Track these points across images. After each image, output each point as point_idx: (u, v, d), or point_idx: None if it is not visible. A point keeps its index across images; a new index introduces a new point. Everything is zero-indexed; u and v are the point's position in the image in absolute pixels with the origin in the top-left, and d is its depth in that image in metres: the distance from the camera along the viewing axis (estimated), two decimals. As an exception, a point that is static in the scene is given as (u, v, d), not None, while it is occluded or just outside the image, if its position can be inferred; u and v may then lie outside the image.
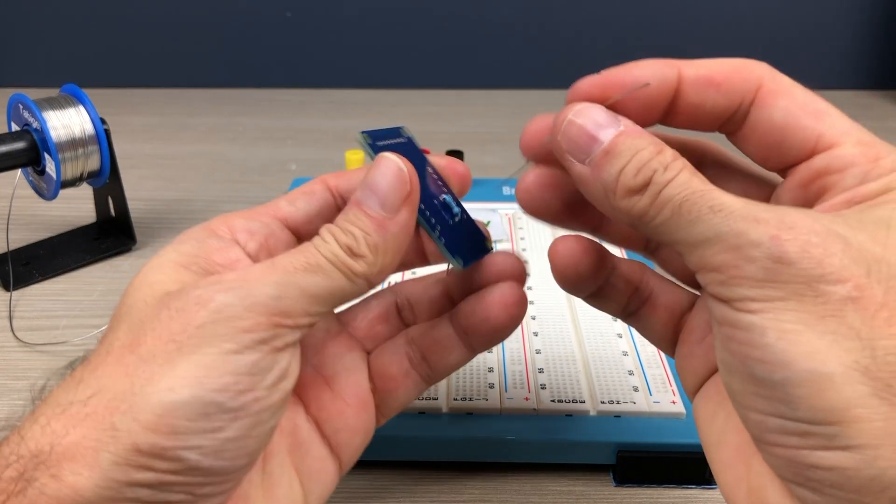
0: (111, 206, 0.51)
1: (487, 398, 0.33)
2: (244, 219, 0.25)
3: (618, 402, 0.32)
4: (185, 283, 0.22)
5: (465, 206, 0.28)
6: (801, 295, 0.18)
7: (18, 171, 0.47)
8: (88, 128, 0.45)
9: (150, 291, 0.22)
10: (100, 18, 0.82)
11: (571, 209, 0.25)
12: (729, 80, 0.22)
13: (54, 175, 0.45)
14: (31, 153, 0.45)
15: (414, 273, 0.39)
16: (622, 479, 0.32)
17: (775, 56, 0.93)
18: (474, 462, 0.32)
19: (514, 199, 0.34)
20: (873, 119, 0.77)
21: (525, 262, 0.27)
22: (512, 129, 0.74)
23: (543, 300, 0.40)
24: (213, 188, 0.61)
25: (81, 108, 0.45)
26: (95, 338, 0.41)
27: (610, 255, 0.26)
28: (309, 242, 0.22)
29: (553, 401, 0.33)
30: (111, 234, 0.51)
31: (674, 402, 0.32)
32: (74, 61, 0.84)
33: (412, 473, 0.32)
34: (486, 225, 0.29)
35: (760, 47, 0.83)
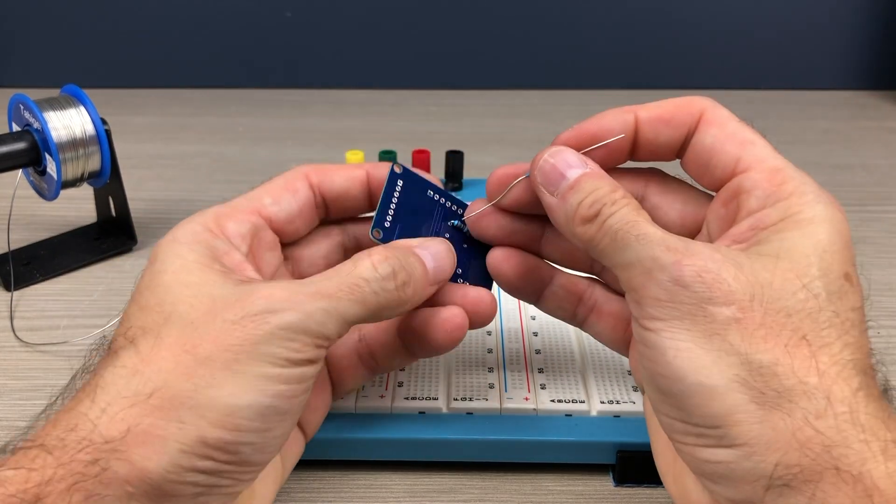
0: (112, 206, 0.51)
1: (487, 398, 0.33)
2: (235, 222, 0.28)
3: (617, 402, 0.32)
4: (223, 283, 0.24)
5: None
6: (694, 315, 0.21)
7: (19, 172, 0.47)
8: (89, 128, 0.45)
9: (193, 292, 0.24)
10: (100, 19, 0.82)
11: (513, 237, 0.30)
12: (676, 116, 0.26)
13: (55, 175, 0.45)
14: (32, 153, 0.45)
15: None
16: (622, 479, 0.32)
17: (775, 56, 0.93)
18: (474, 462, 0.32)
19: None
20: (873, 119, 0.77)
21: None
22: (512, 129, 0.74)
23: (543, 300, 0.40)
24: (214, 188, 0.61)
25: (82, 109, 0.45)
26: (96, 338, 0.41)
27: (546, 268, 0.30)
28: (354, 267, 0.25)
29: (553, 401, 0.33)
30: (112, 234, 0.52)
31: (673, 402, 0.32)
32: (75, 62, 0.84)
33: (412, 473, 0.33)
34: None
35: (760, 47, 0.83)
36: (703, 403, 0.21)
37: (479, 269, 0.31)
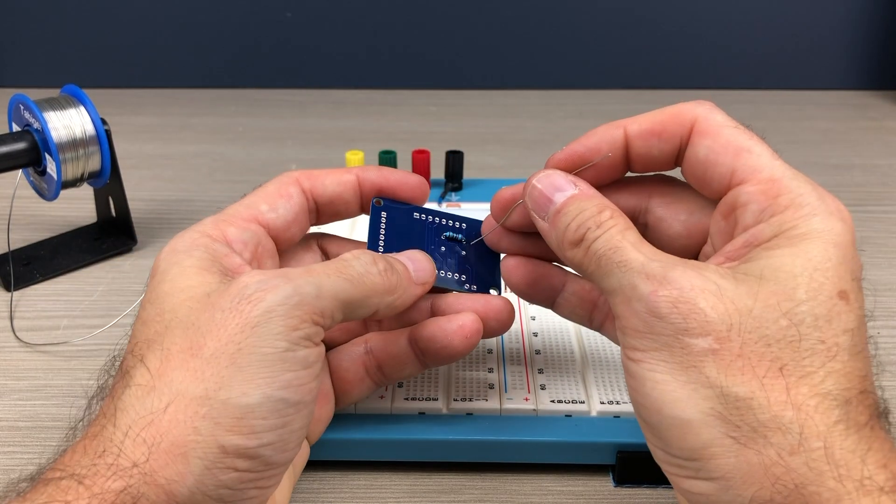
0: (112, 206, 0.51)
1: (487, 399, 0.33)
2: (236, 228, 0.28)
3: (617, 403, 0.32)
4: (220, 283, 0.24)
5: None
6: (671, 346, 0.21)
7: (19, 172, 0.47)
8: (89, 128, 0.45)
9: (189, 295, 0.24)
10: (100, 19, 0.82)
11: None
12: (667, 129, 0.25)
13: (55, 175, 0.45)
14: (32, 154, 0.45)
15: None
16: (622, 480, 0.32)
17: (775, 56, 0.93)
18: (474, 463, 0.32)
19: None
20: (873, 119, 0.77)
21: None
22: (512, 129, 0.74)
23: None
24: (214, 188, 0.61)
25: (82, 109, 0.45)
26: (96, 338, 0.41)
27: (558, 275, 0.29)
28: (338, 258, 0.26)
29: (553, 401, 0.33)
30: (112, 234, 0.52)
31: (673, 403, 0.32)
32: (75, 62, 0.84)
33: (412, 474, 0.33)
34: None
35: (761, 47, 0.83)
36: (680, 436, 0.21)
37: (481, 273, 0.31)
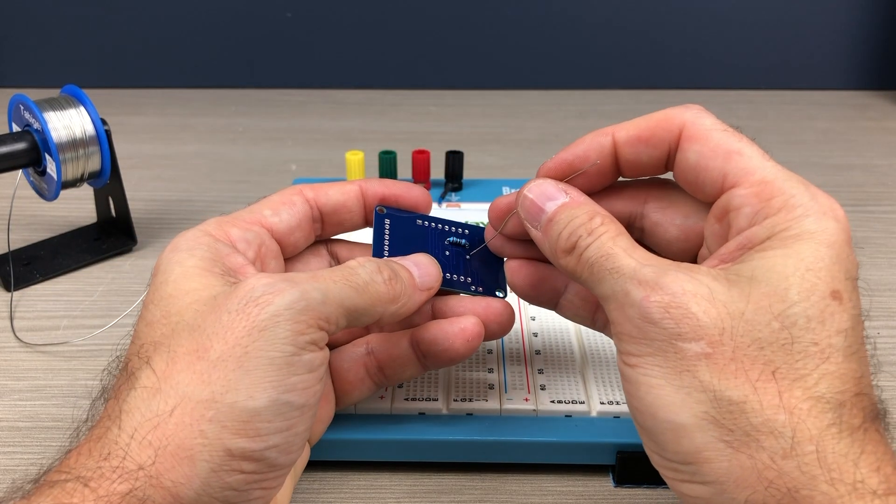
0: (112, 206, 0.51)
1: (487, 399, 0.33)
2: (239, 228, 0.28)
3: (617, 403, 0.32)
4: (224, 284, 0.24)
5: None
6: (664, 351, 0.21)
7: (19, 172, 0.47)
8: (89, 128, 0.45)
9: (195, 297, 0.24)
10: (100, 19, 0.82)
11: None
12: (654, 135, 0.25)
13: (55, 175, 0.45)
14: (32, 154, 0.45)
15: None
16: (622, 480, 0.32)
17: (776, 56, 0.93)
18: (474, 463, 0.32)
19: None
20: (873, 119, 0.77)
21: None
22: (512, 130, 0.74)
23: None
24: (214, 188, 0.61)
25: (82, 109, 0.45)
26: (96, 338, 0.41)
27: (560, 277, 0.29)
28: (344, 265, 0.26)
29: (553, 401, 0.33)
30: (112, 234, 0.52)
31: (673, 403, 0.32)
32: (75, 62, 0.84)
33: (412, 474, 0.33)
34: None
35: (761, 47, 0.83)
36: (675, 440, 0.21)
37: (486, 276, 0.31)
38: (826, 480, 0.19)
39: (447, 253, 0.31)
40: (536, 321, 0.38)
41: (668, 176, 0.27)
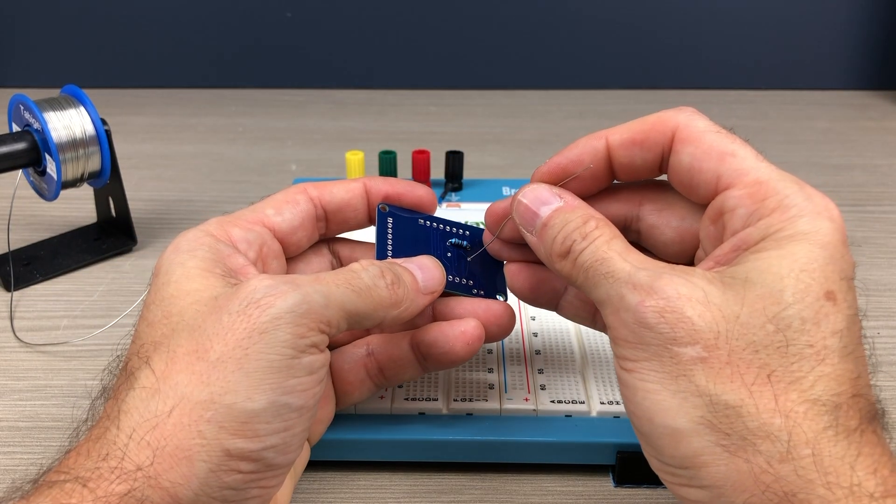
0: (112, 206, 0.51)
1: (487, 399, 0.33)
2: (241, 228, 0.28)
3: (617, 403, 0.32)
4: (225, 285, 0.24)
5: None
6: (660, 356, 0.21)
7: (19, 172, 0.47)
8: (89, 128, 0.45)
9: (196, 298, 0.24)
10: (100, 19, 0.82)
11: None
12: (648, 137, 0.25)
13: (55, 175, 0.45)
14: (32, 154, 0.45)
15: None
16: (622, 480, 0.32)
17: (776, 56, 0.93)
18: (474, 463, 0.32)
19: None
20: (873, 119, 0.77)
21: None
22: (512, 130, 0.74)
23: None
24: (214, 188, 0.61)
25: (82, 109, 0.45)
26: (96, 338, 0.41)
27: (559, 279, 0.29)
28: (347, 268, 0.26)
29: (553, 401, 0.33)
30: (112, 234, 0.52)
31: (673, 403, 0.32)
32: (75, 62, 0.84)
33: (412, 474, 0.33)
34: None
35: (761, 47, 0.83)
36: (672, 445, 0.21)
37: (488, 279, 0.31)
38: (822, 484, 0.19)
39: (449, 255, 0.31)
40: (536, 321, 0.38)
41: (664, 178, 0.27)
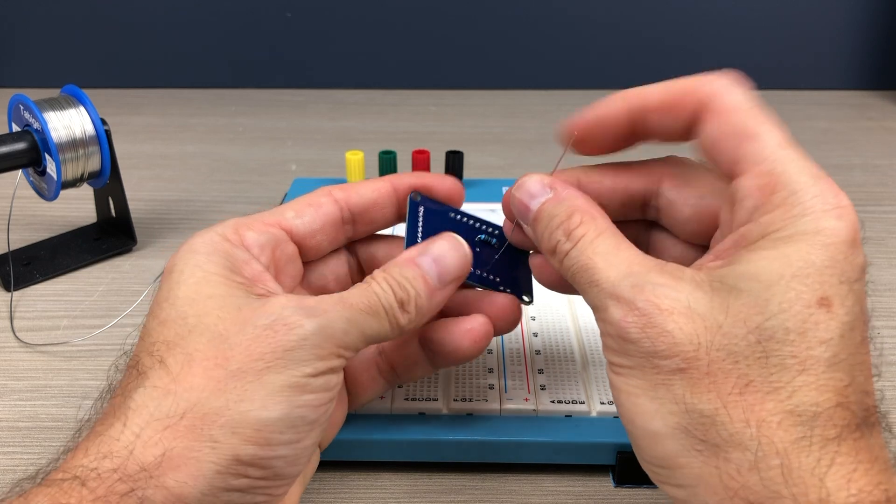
0: (112, 206, 0.51)
1: (487, 399, 0.33)
2: (254, 231, 0.27)
3: (617, 403, 0.32)
4: (248, 296, 0.24)
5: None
6: (643, 366, 0.22)
7: (19, 172, 0.47)
8: (89, 128, 0.45)
9: (218, 303, 0.24)
10: (100, 19, 0.82)
11: None
12: (680, 103, 0.24)
13: (55, 175, 0.45)
14: (32, 154, 0.45)
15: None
16: (622, 480, 0.32)
17: (775, 56, 0.92)
18: (474, 463, 0.32)
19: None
20: (873, 119, 0.77)
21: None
22: (512, 129, 0.74)
23: (543, 301, 0.40)
24: (214, 188, 0.61)
25: (82, 109, 0.45)
26: (96, 338, 0.41)
27: None
28: (368, 285, 0.25)
29: (553, 402, 0.33)
30: (112, 234, 0.52)
31: (673, 403, 0.32)
32: (75, 62, 0.84)
33: (412, 474, 0.33)
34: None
35: (761, 47, 0.83)
36: (651, 446, 0.22)
37: (514, 277, 0.31)
38: (789, 496, 0.19)
39: (477, 250, 0.30)
40: (536, 321, 0.38)
41: (687, 154, 0.27)
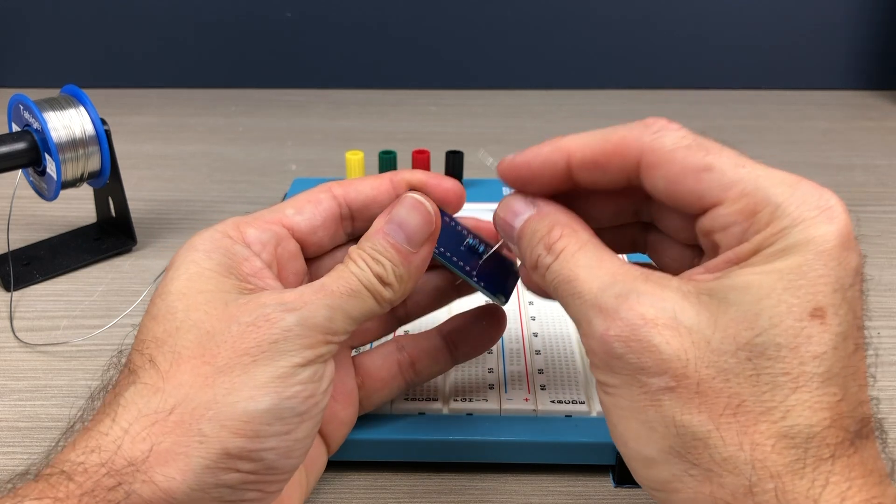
0: (111, 206, 0.51)
1: (487, 399, 0.33)
2: (256, 229, 0.27)
3: (617, 403, 0.32)
4: (238, 293, 0.24)
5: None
6: (630, 384, 0.21)
7: (19, 172, 0.47)
8: (89, 128, 0.45)
9: (206, 298, 0.24)
10: (100, 19, 0.82)
11: None
12: (610, 161, 0.24)
13: (55, 175, 0.45)
14: (32, 154, 0.45)
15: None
16: (622, 480, 0.32)
17: (776, 56, 0.93)
18: (474, 463, 0.32)
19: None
20: (873, 119, 0.77)
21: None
22: (512, 129, 0.74)
23: (543, 301, 0.39)
24: (214, 188, 0.61)
25: (82, 109, 0.45)
26: (96, 338, 0.41)
27: None
28: (346, 266, 0.25)
29: (553, 402, 0.33)
30: (111, 234, 0.52)
31: (673, 403, 0.32)
32: (75, 62, 0.84)
33: (412, 474, 0.33)
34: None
35: (761, 47, 0.83)
36: (644, 468, 0.21)
37: (495, 278, 0.30)
38: None
39: (462, 248, 0.29)
40: (536, 321, 0.38)
41: None
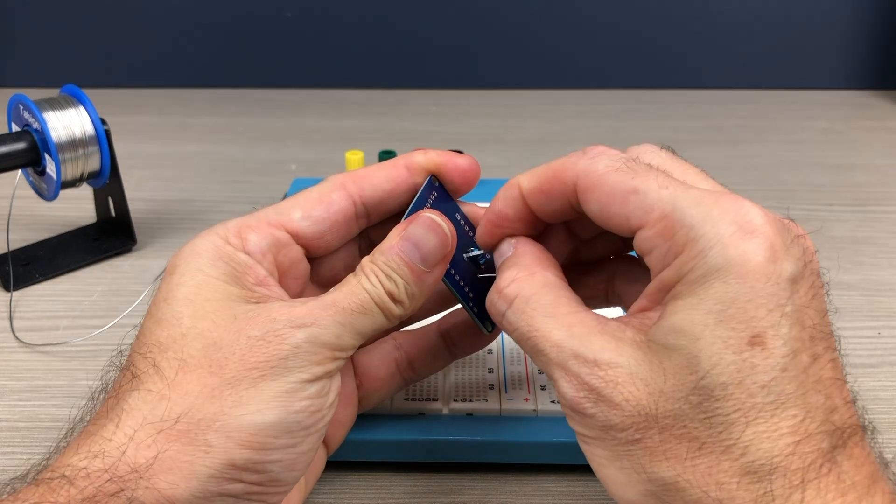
0: (111, 206, 0.51)
1: (487, 399, 0.33)
2: (257, 234, 0.27)
3: (618, 403, 0.32)
4: (246, 303, 0.24)
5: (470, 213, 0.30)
6: (602, 438, 0.22)
7: (19, 172, 0.47)
8: (89, 128, 0.45)
9: (215, 307, 0.24)
10: (100, 18, 0.82)
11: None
12: (552, 188, 0.25)
13: (54, 175, 0.45)
14: (32, 154, 0.45)
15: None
16: (622, 480, 0.32)
17: (776, 56, 0.92)
18: (474, 463, 0.32)
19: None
20: (873, 119, 0.77)
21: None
22: (512, 129, 0.74)
23: (543, 301, 0.40)
24: (214, 188, 0.61)
25: (82, 109, 0.45)
26: (96, 338, 0.41)
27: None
28: (358, 280, 0.25)
29: (553, 402, 0.33)
30: (111, 234, 0.51)
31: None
32: (74, 61, 0.84)
33: (412, 474, 0.33)
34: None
35: (761, 47, 0.83)
36: None
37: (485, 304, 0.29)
38: None
39: (465, 261, 0.29)
40: (536, 321, 0.38)
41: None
